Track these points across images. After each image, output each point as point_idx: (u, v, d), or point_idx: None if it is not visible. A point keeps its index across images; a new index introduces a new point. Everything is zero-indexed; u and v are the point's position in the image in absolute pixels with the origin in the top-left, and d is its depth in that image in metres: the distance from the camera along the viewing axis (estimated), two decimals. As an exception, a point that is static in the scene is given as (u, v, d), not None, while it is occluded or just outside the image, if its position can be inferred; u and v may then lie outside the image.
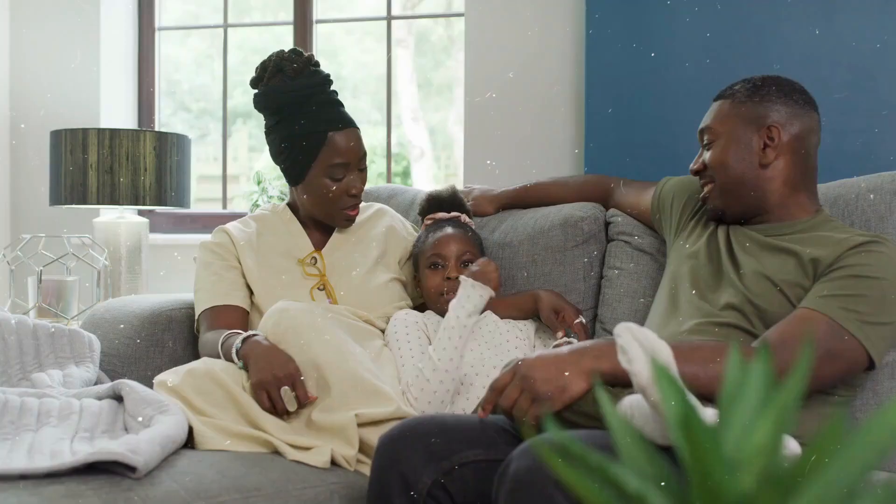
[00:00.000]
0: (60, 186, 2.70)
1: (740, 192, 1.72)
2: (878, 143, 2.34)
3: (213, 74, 3.75)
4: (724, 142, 1.73)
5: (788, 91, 1.71)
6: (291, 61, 2.02)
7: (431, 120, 3.95)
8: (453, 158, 4.22)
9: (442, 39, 3.83)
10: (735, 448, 0.57)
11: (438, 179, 4.22)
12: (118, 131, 2.69)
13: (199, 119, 3.78)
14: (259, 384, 1.69)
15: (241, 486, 1.43)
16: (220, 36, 3.60)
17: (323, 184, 2.02)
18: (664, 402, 0.58)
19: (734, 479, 0.54)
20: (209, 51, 3.70)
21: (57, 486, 1.29)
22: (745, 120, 1.71)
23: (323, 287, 2.07)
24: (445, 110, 4.00)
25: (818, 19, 2.43)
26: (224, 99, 3.50)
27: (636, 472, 0.58)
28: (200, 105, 3.67)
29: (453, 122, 4.06)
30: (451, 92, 4.05)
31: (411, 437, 1.41)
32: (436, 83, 3.39)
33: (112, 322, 2.13)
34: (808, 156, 1.72)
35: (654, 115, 2.57)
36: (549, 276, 2.16)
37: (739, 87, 1.75)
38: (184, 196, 2.83)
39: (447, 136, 4.13)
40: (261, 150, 3.87)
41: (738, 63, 2.47)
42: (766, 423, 0.57)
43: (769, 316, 1.58)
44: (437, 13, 3.80)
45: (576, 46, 2.78)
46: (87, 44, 3.32)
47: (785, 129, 1.69)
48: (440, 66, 3.80)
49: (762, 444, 0.57)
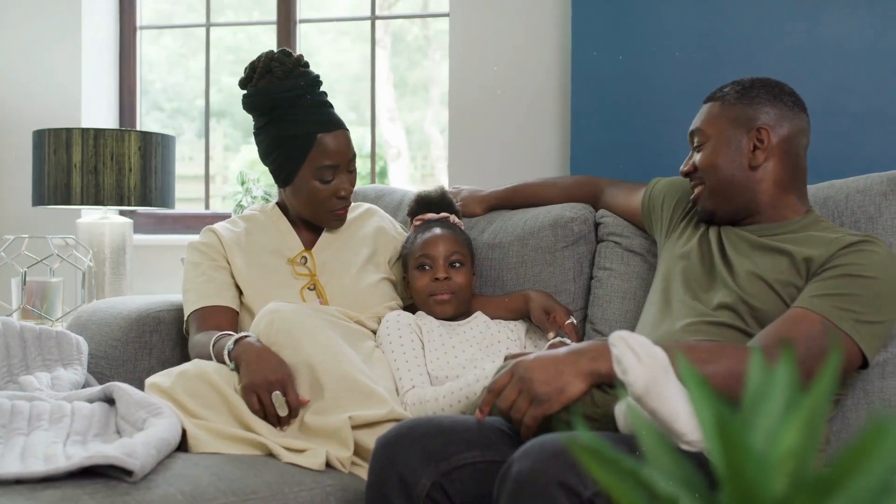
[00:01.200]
0: (43, 187, 2.67)
1: (730, 193, 1.73)
2: (861, 144, 2.36)
3: (187, 74, 3.73)
4: (714, 144, 1.74)
5: (778, 93, 1.72)
6: (280, 62, 2.00)
7: (407, 120, 3.95)
8: (430, 158, 4.22)
9: (418, 39, 3.82)
10: (764, 451, 0.57)
11: (415, 179, 4.22)
12: (103, 131, 2.66)
13: (173, 119, 3.75)
14: (250, 387, 1.68)
15: (238, 490, 1.43)
16: (194, 35, 3.59)
17: (312, 186, 2.02)
18: (695, 405, 0.58)
19: (768, 481, 0.54)
20: (182, 50, 3.68)
21: (53, 491, 1.27)
22: (735, 122, 1.72)
23: (313, 287, 2.06)
24: (421, 110, 4.00)
25: (802, 21, 2.45)
26: (206, 98, 3.48)
27: (666, 475, 0.58)
28: (174, 105, 3.65)
29: (430, 122, 4.06)
30: (427, 92, 4.04)
31: (409, 439, 1.41)
32: (411, 83, 3.40)
33: (99, 324, 2.11)
34: (798, 157, 1.73)
35: (639, 116, 2.58)
36: (538, 276, 2.16)
37: (729, 90, 1.76)
38: (168, 196, 2.81)
39: (424, 135, 4.13)
40: (236, 149, 3.85)
41: (724, 64, 2.49)
42: (794, 426, 0.58)
43: (763, 315, 1.59)
44: (421, 13, 3.79)
45: (561, 46, 2.79)
46: (68, 43, 3.29)
47: (774, 131, 1.70)
48: (415, 67, 3.80)
49: (792, 446, 0.57)
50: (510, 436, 1.45)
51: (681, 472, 0.61)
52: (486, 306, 2.12)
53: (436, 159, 4.22)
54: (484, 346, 2.01)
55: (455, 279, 2.04)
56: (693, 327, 1.64)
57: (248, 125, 3.87)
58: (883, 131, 2.36)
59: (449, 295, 2.03)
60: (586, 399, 1.38)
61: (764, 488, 0.54)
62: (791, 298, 1.57)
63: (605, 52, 2.61)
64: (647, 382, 1.16)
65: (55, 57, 3.30)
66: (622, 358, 1.18)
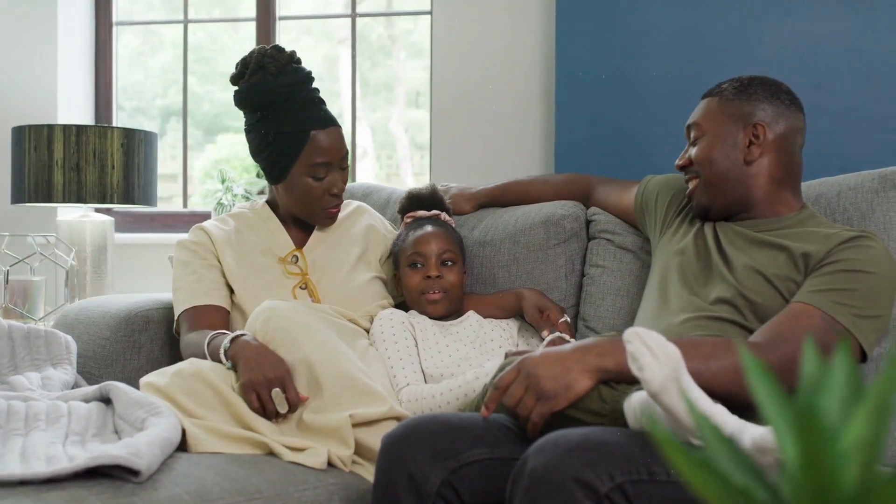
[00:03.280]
0: (24, 184, 2.62)
1: (725, 187, 1.75)
2: (839, 143, 2.38)
3: (146, 72, 3.69)
4: (711, 138, 1.76)
5: (775, 91, 1.74)
6: (273, 58, 1.99)
7: (370, 119, 3.95)
8: (395, 158, 4.22)
9: (381, 38, 3.81)
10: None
11: (381, 178, 4.22)
12: (85, 128, 2.62)
13: (132, 118, 3.71)
14: (249, 385, 1.67)
15: (243, 489, 1.41)
16: (155, 34, 3.57)
17: (305, 183, 2.00)
18: (761, 396, 0.58)
19: (843, 472, 0.54)
20: (142, 48, 3.64)
21: (59, 492, 1.25)
22: (732, 117, 1.74)
23: (305, 286, 2.04)
24: (384, 110, 3.99)
25: (785, 20, 2.47)
26: (184, 95, 3.44)
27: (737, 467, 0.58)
28: (133, 104, 3.60)
29: (395, 121, 4.06)
30: (391, 91, 4.04)
31: (417, 437, 1.40)
32: (373, 83, 3.40)
33: (86, 323, 2.08)
34: (793, 154, 1.75)
35: (623, 114, 2.60)
36: (530, 274, 2.17)
37: (727, 86, 1.78)
38: (151, 194, 2.77)
39: (388, 135, 4.12)
40: (199, 148, 3.81)
41: (708, 62, 2.51)
42: (862, 417, 0.58)
43: (762, 309, 1.60)
44: (401, 11, 3.78)
45: (546, 44, 2.79)
46: (44, 39, 3.24)
47: (770, 127, 1.72)
48: (378, 66, 3.79)
49: (862, 436, 0.57)
50: (515, 433, 1.44)
51: (741, 465, 0.61)
52: (478, 305, 2.12)
53: (401, 159, 4.21)
54: (477, 344, 2.00)
55: (447, 277, 2.04)
56: (692, 322, 1.65)
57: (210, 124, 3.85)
58: (860, 130, 2.39)
59: (441, 294, 2.03)
60: (593, 395, 1.38)
61: (839, 479, 0.54)
62: (789, 293, 1.59)
63: (588, 50, 2.62)
64: (663, 379, 1.17)
65: (31, 53, 3.24)
66: (638, 355, 1.18)
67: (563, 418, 1.37)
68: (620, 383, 1.39)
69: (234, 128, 3.97)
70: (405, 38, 3.88)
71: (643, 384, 1.18)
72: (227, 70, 3.86)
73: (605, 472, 1.18)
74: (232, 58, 3.77)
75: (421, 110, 4.22)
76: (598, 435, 1.25)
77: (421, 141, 4.19)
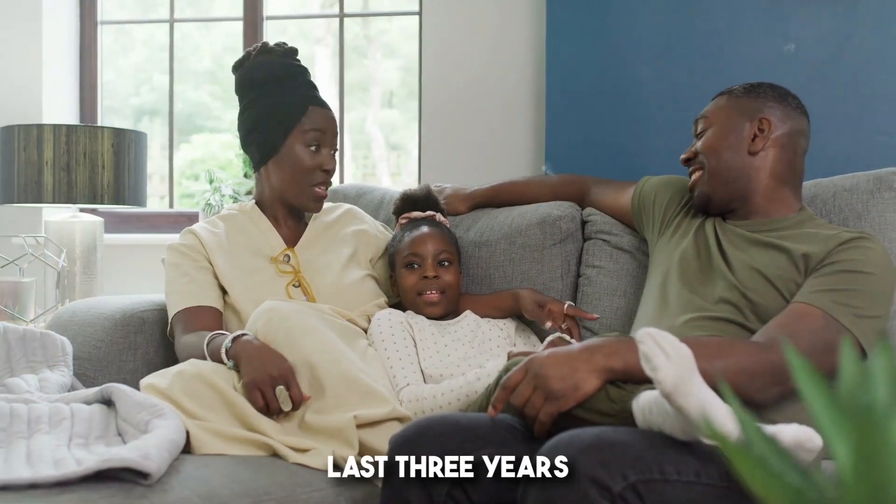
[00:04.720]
0: (12, 184, 2.59)
1: (728, 177, 1.77)
2: (828, 145, 2.41)
3: (118, 71, 3.67)
4: (717, 128, 1.80)
5: (784, 95, 1.79)
6: (278, 45, 2.11)
7: (346, 119, 3.97)
8: (371, 158, 4.22)
9: (357, 38, 3.81)
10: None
11: (357, 178, 4.22)
12: (75, 127, 2.60)
13: (104, 117, 3.69)
14: (253, 383, 1.66)
15: (252, 491, 1.41)
16: (126, 33, 3.55)
17: (298, 154, 2.03)
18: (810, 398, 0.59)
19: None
20: (113, 47, 3.62)
21: (69, 495, 1.24)
22: (740, 111, 1.79)
23: (298, 284, 2.04)
24: (358, 110, 3.99)
25: (773, 22, 2.50)
26: (171, 95, 3.42)
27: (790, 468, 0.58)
28: (105, 103, 3.58)
29: (371, 121, 4.06)
30: (367, 92, 4.04)
31: (426, 437, 1.40)
32: (348, 82, 3.41)
33: (81, 325, 2.06)
34: (796, 154, 1.78)
35: (614, 114, 2.61)
36: (526, 274, 2.17)
37: (738, 87, 1.84)
38: (141, 194, 2.75)
39: (365, 135, 4.12)
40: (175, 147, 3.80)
41: (697, 63, 2.53)
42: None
43: (762, 309, 1.62)
44: (391, 11, 3.77)
45: (536, 43, 2.80)
46: (28, 38, 3.21)
47: (776, 124, 1.76)
48: (353, 66, 3.79)
49: (911, 437, 0.58)
50: (523, 433, 1.45)
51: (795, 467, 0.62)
52: (474, 305, 2.12)
53: (377, 159, 4.21)
54: (475, 344, 2.01)
55: (444, 277, 2.05)
56: (694, 323, 1.66)
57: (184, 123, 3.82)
58: (843, 134, 2.42)
59: (438, 294, 2.03)
60: (601, 395, 1.38)
61: (894, 486, 0.55)
62: (790, 294, 1.61)
63: (579, 52, 2.63)
64: (675, 380, 1.17)
65: (16, 52, 3.21)
66: (651, 355, 1.18)
67: (571, 418, 1.38)
68: (628, 383, 1.40)
69: (207, 128, 3.95)
70: (381, 38, 3.88)
71: (656, 384, 1.19)
72: (199, 69, 3.85)
73: (619, 471, 1.19)
74: (203, 57, 3.76)
75: (394, 110, 4.22)
76: (610, 435, 1.26)
77: (394, 141, 4.20)
